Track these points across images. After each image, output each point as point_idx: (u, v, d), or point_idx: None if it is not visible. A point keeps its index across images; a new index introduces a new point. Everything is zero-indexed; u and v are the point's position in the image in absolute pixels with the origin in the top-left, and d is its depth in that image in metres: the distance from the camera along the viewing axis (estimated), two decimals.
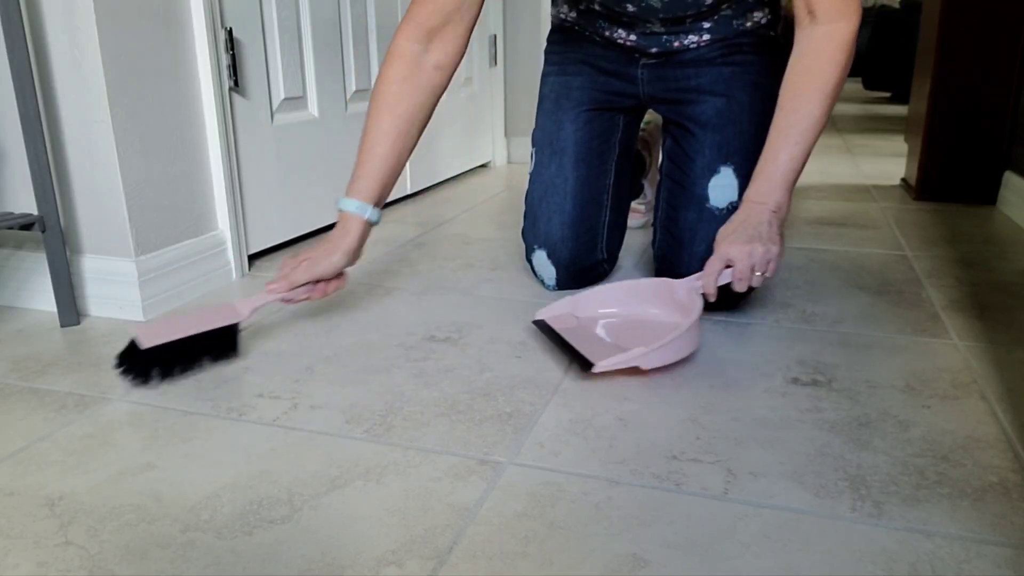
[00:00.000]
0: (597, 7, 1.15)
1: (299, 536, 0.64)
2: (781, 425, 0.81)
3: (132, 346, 0.91)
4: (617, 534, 0.64)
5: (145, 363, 0.91)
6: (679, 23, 1.12)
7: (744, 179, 1.14)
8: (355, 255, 1.03)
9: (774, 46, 1.19)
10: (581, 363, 0.92)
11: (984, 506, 0.67)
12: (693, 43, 1.15)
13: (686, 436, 0.79)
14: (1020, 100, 1.72)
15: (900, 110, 4.02)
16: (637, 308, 1.07)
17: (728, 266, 0.98)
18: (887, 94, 4.80)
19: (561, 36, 1.26)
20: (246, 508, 0.68)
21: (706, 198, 1.13)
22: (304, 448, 0.78)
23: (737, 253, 0.96)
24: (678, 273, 1.16)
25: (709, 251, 1.13)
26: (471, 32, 1.05)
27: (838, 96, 0.99)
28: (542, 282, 1.26)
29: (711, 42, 1.15)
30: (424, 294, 1.24)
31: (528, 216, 1.26)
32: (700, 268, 1.14)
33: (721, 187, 1.13)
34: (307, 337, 1.06)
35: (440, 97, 1.06)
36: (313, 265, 0.99)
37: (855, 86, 5.37)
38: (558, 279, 1.23)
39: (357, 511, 0.67)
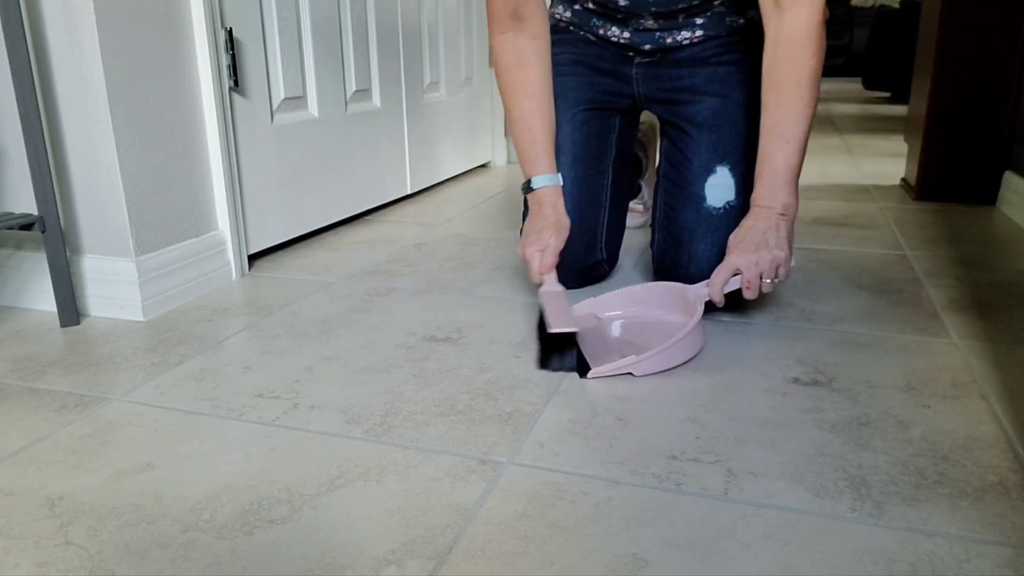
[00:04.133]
0: (591, 5, 1.16)
1: (299, 536, 0.64)
2: (781, 425, 0.81)
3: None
4: (617, 534, 0.64)
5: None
6: (671, 18, 1.13)
7: (741, 178, 1.14)
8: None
9: None
10: (581, 366, 0.94)
11: (984, 506, 0.67)
12: (686, 39, 1.15)
13: (686, 436, 0.79)
14: (1020, 100, 1.72)
15: (900, 110, 4.02)
16: (652, 311, 1.09)
17: (736, 274, 0.99)
18: (887, 94, 4.80)
19: (556, 36, 1.26)
20: (246, 508, 0.68)
21: (703, 198, 1.14)
22: (304, 448, 0.78)
23: (745, 262, 0.98)
24: (677, 272, 1.17)
25: (708, 250, 1.14)
26: None
27: (819, 82, 0.98)
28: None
29: (704, 39, 1.15)
30: (424, 294, 1.24)
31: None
32: (699, 267, 1.14)
33: (718, 186, 1.13)
34: (307, 337, 1.06)
35: (550, 58, 1.16)
36: (560, 235, 1.11)
37: (855, 86, 5.37)
38: (559, 278, 1.23)
39: (357, 511, 0.67)
